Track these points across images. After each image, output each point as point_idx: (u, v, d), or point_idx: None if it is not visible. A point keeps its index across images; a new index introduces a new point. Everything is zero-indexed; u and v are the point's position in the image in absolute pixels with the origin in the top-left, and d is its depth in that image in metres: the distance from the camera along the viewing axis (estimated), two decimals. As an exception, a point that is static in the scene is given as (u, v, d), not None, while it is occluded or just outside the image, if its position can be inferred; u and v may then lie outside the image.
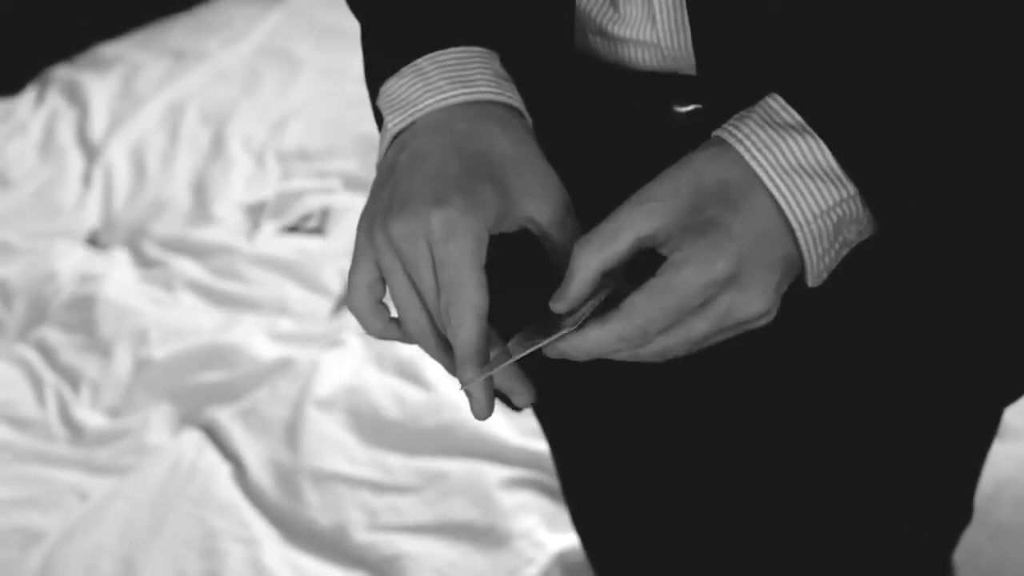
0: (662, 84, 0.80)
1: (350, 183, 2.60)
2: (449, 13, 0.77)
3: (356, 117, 2.83)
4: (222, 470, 1.91)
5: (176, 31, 3.32)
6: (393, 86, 0.77)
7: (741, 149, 0.66)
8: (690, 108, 0.80)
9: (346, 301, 0.69)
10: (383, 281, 0.72)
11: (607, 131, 0.85)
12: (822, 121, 0.66)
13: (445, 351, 0.73)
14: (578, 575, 1.69)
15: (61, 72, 3.20)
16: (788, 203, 0.66)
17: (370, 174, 2.62)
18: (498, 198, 0.70)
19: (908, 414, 0.90)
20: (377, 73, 0.79)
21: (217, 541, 1.81)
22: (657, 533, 1.06)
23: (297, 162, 2.73)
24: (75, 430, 2.08)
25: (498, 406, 0.75)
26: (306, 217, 2.52)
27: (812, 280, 0.69)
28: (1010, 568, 1.62)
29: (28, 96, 3.14)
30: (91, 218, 2.68)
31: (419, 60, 0.75)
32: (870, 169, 0.66)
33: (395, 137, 0.76)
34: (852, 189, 0.66)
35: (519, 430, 1.90)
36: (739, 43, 0.74)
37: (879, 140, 0.66)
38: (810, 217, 0.66)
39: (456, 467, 1.86)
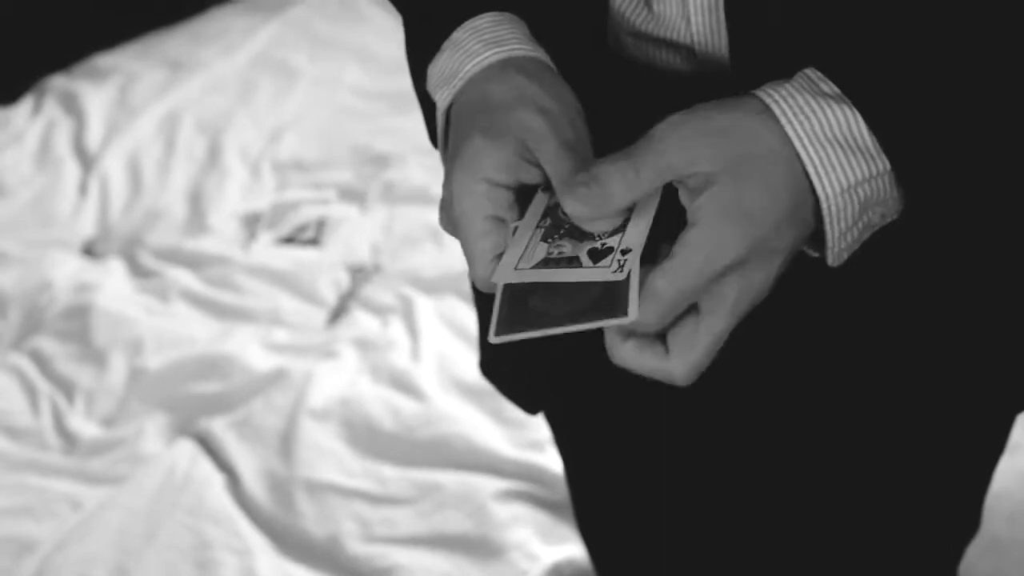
0: (692, 86, 0.80)
1: (345, 194, 2.61)
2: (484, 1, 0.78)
3: (352, 128, 2.84)
4: (216, 480, 1.91)
5: (172, 41, 3.32)
6: (435, 66, 0.77)
7: (778, 112, 0.66)
8: None
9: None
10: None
11: (635, 132, 0.85)
12: (858, 92, 0.66)
13: None
14: (572, 587, 1.70)
15: (58, 82, 3.20)
16: (818, 172, 0.65)
17: (365, 185, 2.63)
18: (502, 146, 0.70)
19: (919, 422, 0.90)
20: (421, 62, 0.80)
21: (210, 551, 1.81)
22: (664, 542, 1.07)
23: (293, 173, 2.74)
24: (69, 439, 2.08)
25: (499, 416, 0.76)
26: (302, 228, 2.52)
27: (832, 258, 0.68)
28: (1003, 582, 1.62)
29: (25, 105, 3.14)
30: (87, 227, 2.68)
31: (454, 33, 0.76)
32: (904, 143, 0.65)
33: (447, 114, 0.77)
34: (883, 165, 0.66)
35: (513, 442, 1.90)
36: (775, 42, 0.74)
37: (914, 114, 0.65)
38: (838, 189, 0.65)
39: (450, 479, 1.86)
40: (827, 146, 0.65)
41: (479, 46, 0.74)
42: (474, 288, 1.07)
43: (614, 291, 0.66)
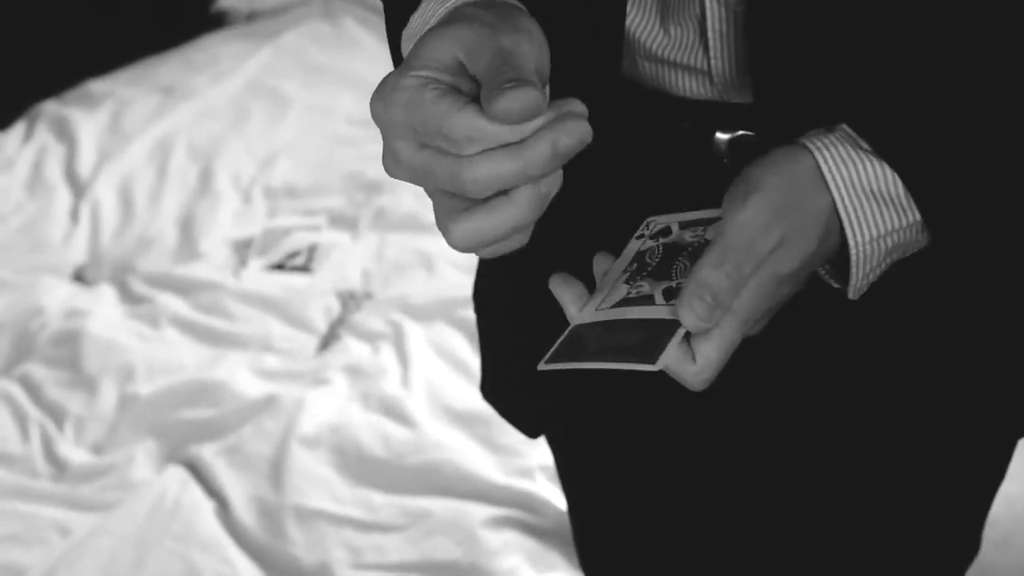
0: (707, 111, 0.81)
1: (336, 221, 2.61)
2: None
3: (343, 155, 2.85)
4: (206, 507, 1.91)
5: (165, 68, 3.33)
6: (411, 23, 0.74)
7: (820, 160, 0.68)
8: (734, 135, 0.80)
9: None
10: None
11: (648, 157, 0.85)
12: (894, 152, 0.68)
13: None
14: (561, 615, 1.70)
15: (49, 108, 3.20)
16: (851, 224, 0.68)
17: (356, 212, 2.63)
18: (440, 59, 0.63)
19: (920, 446, 0.90)
20: (399, 23, 0.76)
21: (200, 579, 1.80)
22: (667, 567, 1.06)
23: (284, 199, 2.74)
24: (59, 466, 2.07)
25: (489, 443, 0.76)
26: (293, 254, 2.53)
27: (853, 293, 0.71)
28: (993, 610, 1.62)
29: (16, 131, 3.14)
30: (78, 254, 2.68)
31: None
32: (938, 198, 0.67)
33: None
34: (914, 217, 0.68)
35: (503, 469, 1.90)
36: (800, 71, 0.74)
37: (947, 171, 0.67)
38: (868, 239, 0.68)
39: (440, 506, 1.86)
40: (862, 197, 0.67)
41: None
42: (477, 311, 1.07)
43: (659, 336, 0.67)
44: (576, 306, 0.72)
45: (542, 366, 0.69)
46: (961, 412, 0.89)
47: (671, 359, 0.66)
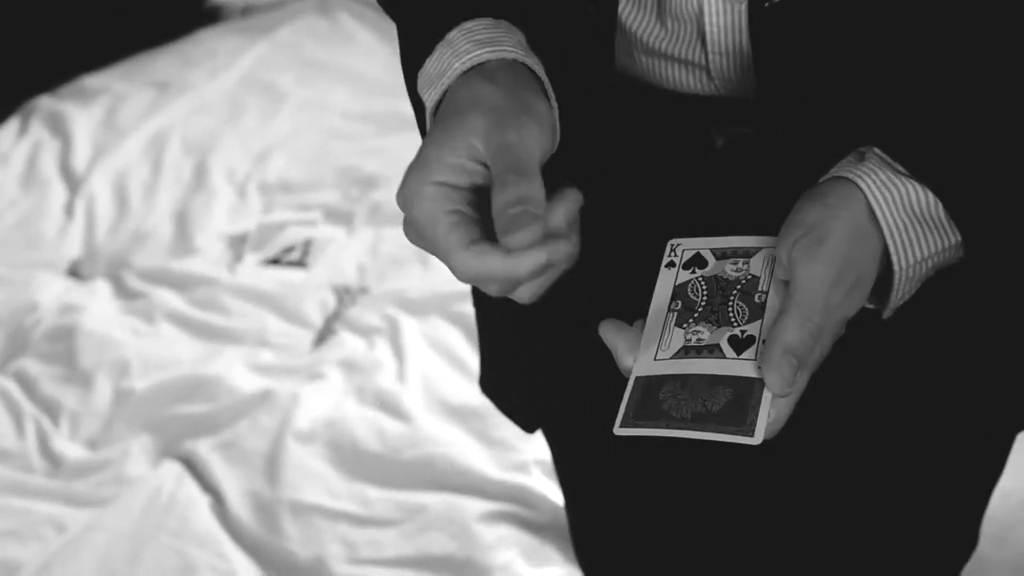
0: (705, 107, 0.80)
1: (332, 215, 2.61)
2: (484, 6, 0.77)
3: (339, 150, 2.84)
4: (201, 502, 1.91)
5: (160, 63, 3.32)
6: (425, 68, 0.76)
7: (864, 187, 0.68)
8: (732, 132, 0.81)
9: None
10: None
11: (645, 152, 0.84)
12: (933, 175, 0.67)
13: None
14: (557, 609, 1.70)
15: (44, 103, 3.20)
16: (897, 249, 0.68)
17: (351, 207, 2.63)
18: (450, 150, 0.69)
19: (919, 439, 0.90)
20: (415, 67, 0.78)
21: (195, 573, 1.80)
22: (664, 562, 1.06)
23: (279, 194, 2.74)
24: (54, 461, 2.07)
25: (484, 438, 0.76)
26: (288, 249, 2.52)
27: (887, 314, 0.71)
28: (988, 604, 1.62)
29: (11, 127, 3.13)
30: (73, 249, 2.67)
31: (449, 33, 0.75)
32: (978, 219, 0.68)
33: (434, 114, 0.76)
34: (955, 239, 0.68)
35: (498, 464, 1.90)
36: (804, 69, 0.74)
37: (986, 191, 0.67)
38: (911, 262, 0.68)
39: (435, 500, 1.86)
40: (906, 221, 0.68)
41: (470, 45, 0.73)
42: (476, 306, 1.07)
43: (744, 398, 0.66)
44: (631, 355, 0.72)
45: (619, 431, 0.69)
46: (959, 406, 0.89)
47: (763, 425, 0.66)
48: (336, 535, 1.84)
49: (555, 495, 1.82)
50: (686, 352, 0.69)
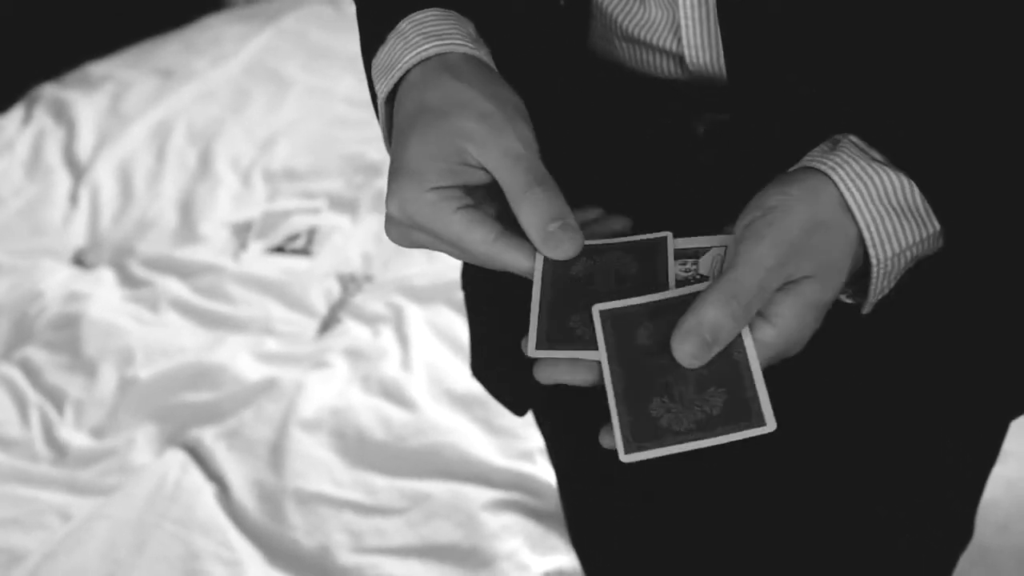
0: (684, 94, 0.80)
1: (336, 203, 2.60)
2: None
3: (343, 137, 2.84)
4: (206, 491, 1.91)
5: (165, 50, 3.32)
6: (378, 57, 0.78)
7: (836, 179, 0.67)
8: (710, 119, 0.80)
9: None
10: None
11: (624, 138, 0.85)
12: (911, 161, 0.67)
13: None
14: (562, 598, 1.69)
15: (49, 90, 3.20)
16: (873, 241, 0.67)
17: (356, 195, 2.63)
18: (442, 155, 0.71)
19: (911, 430, 0.90)
20: (370, 50, 0.81)
21: (200, 562, 1.80)
22: (657, 551, 1.06)
23: (284, 182, 2.73)
24: (59, 450, 2.07)
25: (490, 426, 0.77)
26: (293, 237, 2.52)
27: (867, 309, 0.71)
28: (993, 592, 1.62)
29: (15, 114, 3.14)
30: (77, 237, 2.67)
31: (400, 23, 0.77)
32: (957, 206, 0.67)
33: (386, 102, 0.78)
34: (934, 228, 0.67)
35: (504, 452, 1.90)
36: (772, 54, 0.74)
37: (964, 178, 0.67)
38: (889, 255, 0.67)
39: (440, 489, 1.86)
40: (882, 212, 0.67)
41: (419, 38, 0.75)
42: (466, 292, 1.07)
43: (738, 391, 0.66)
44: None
45: (625, 458, 0.69)
46: (951, 396, 0.89)
47: (769, 409, 0.65)
48: (341, 524, 1.84)
49: (560, 484, 1.82)
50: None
